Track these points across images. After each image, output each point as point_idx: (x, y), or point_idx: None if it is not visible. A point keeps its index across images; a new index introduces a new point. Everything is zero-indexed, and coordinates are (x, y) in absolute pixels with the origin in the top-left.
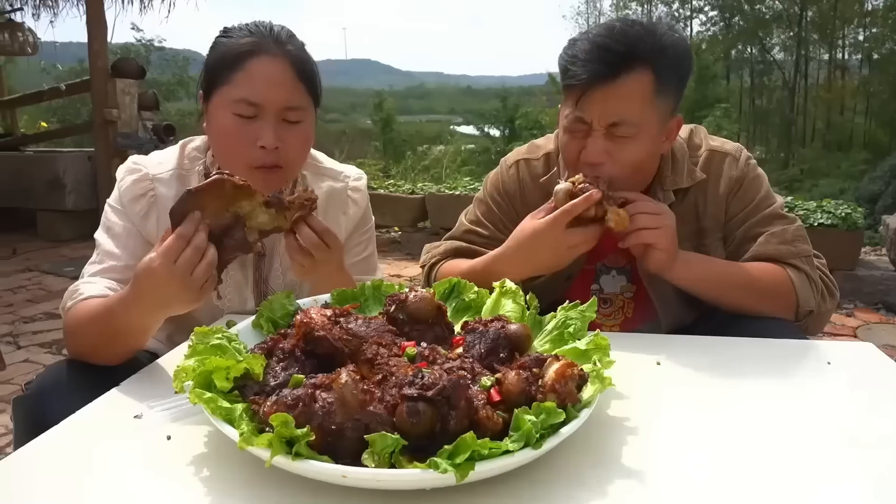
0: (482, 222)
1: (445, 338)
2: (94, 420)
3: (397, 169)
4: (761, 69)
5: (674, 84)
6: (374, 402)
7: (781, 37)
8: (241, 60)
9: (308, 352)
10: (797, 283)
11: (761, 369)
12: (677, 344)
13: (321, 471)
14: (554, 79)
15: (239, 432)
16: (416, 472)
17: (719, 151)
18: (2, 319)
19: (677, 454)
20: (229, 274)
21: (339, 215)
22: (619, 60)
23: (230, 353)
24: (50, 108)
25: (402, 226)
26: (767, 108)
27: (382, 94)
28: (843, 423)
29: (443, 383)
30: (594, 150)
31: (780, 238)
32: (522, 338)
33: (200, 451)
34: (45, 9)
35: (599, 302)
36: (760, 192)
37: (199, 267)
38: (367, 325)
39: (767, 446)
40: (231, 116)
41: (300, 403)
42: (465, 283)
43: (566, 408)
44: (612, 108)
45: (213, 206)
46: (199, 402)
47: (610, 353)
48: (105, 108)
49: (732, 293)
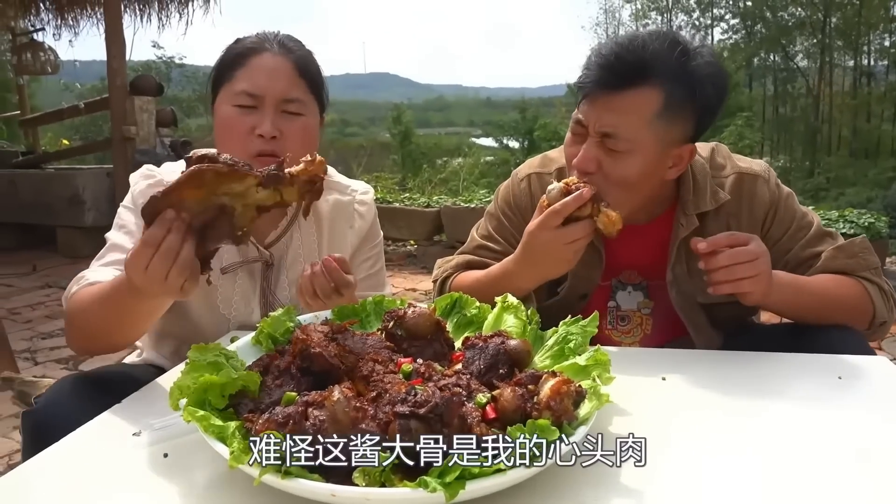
0: (493, 237)
1: (445, 354)
2: (93, 438)
3: (413, 182)
4: (784, 77)
5: (688, 110)
6: (367, 420)
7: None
8: (243, 58)
9: (304, 369)
10: (874, 295)
11: (769, 384)
12: (683, 359)
13: (310, 489)
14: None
15: (230, 450)
16: (406, 492)
17: (749, 174)
18: (20, 335)
19: (679, 472)
20: (236, 283)
21: (345, 229)
22: (627, 72)
23: (226, 371)
24: (73, 126)
25: (417, 239)
26: (791, 116)
27: (401, 108)
28: (854, 439)
29: (435, 401)
30: (584, 157)
31: (847, 252)
32: (522, 353)
33: (196, 469)
34: (66, 28)
35: (617, 319)
36: (797, 211)
37: (172, 272)
38: (363, 342)
39: (774, 464)
40: (232, 108)
41: (290, 421)
42: (466, 299)
43: (562, 425)
44: (608, 119)
45: (193, 199)
46: (192, 420)
47: (610, 369)
48: (123, 126)
49: (817, 311)
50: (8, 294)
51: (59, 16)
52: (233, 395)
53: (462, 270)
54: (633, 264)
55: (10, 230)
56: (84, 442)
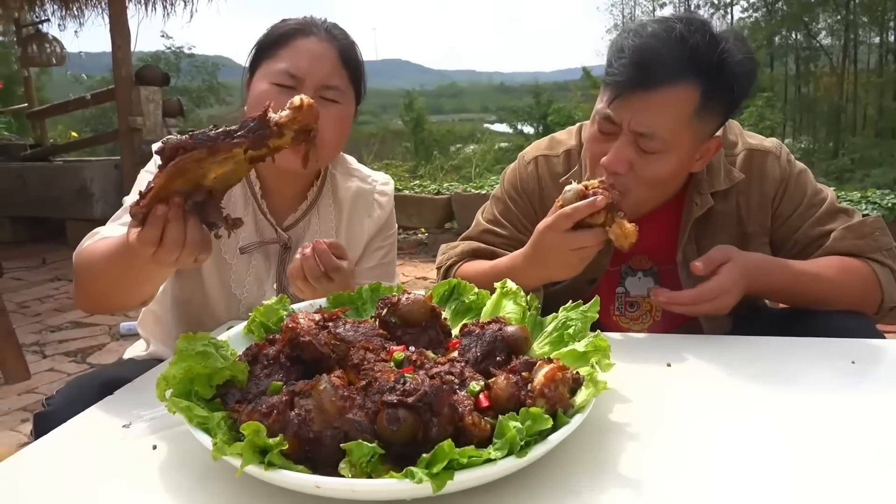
0: (500, 221)
1: (440, 341)
2: (84, 430)
3: (424, 169)
4: (807, 55)
5: (722, 106)
6: (355, 410)
7: (828, 21)
8: (288, 38)
9: (294, 358)
10: (883, 279)
11: (778, 370)
12: (689, 345)
13: (293, 481)
14: (588, 73)
15: (213, 441)
16: (393, 482)
17: (759, 150)
18: (29, 329)
19: (679, 461)
20: (251, 263)
21: (363, 217)
22: (666, 69)
23: (213, 360)
24: (83, 118)
25: (428, 227)
26: (814, 95)
27: (413, 95)
28: (871, 428)
29: (424, 389)
30: (616, 158)
31: (857, 232)
32: (520, 340)
33: (184, 460)
34: (71, 19)
35: (625, 305)
36: (808, 188)
37: (182, 256)
38: (355, 330)
39: (777, 453)
40: (270, 86)
41: (274, 411)
42: (465, 285)
43: (557, 413)
44: (645, 118)
45: (180, 183)
46: (177, 411)
47: (611, 356)
48: (130, 116)
49: (814, 296)
50: (17, 287)
51: (63, 6)
52: (220, 385)
53: (468, 258)
54: (643, 249)
55: (19, 223)
56: (74, 433)
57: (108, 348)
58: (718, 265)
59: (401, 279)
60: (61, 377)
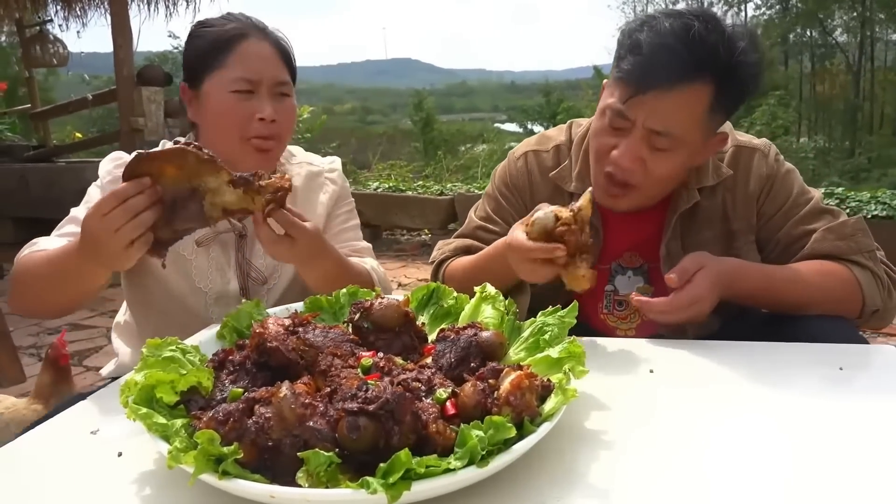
0: (492, 218)
1: (415, 347)
2: (51, 435)
3: (430, 169)
4: (822, 53)
5: (732, 104)
6: (316, 417)
7: (844, 17)
8: (232, 44)
9: (261, 364)
10: (863, 282)
11: (762, 376)
12: (673, 350)
13: (247, 490)
14: (599, 72)
15: (168, 449)
16: (347, 493)
17: (747, 147)
18: (27, 331)
19: (653, 470)
20: (210, 256)
21: (318, 195)
22: (684, 69)
23: (175, 367)
24: (90, 119)
25: (431, 228)
26: (830, 93)
27: (422, 94)
28: (860, 436)
29: (385, 397)
30: (628, 154)
31: (838, 233)
32: (495, 346)
33: (149, 468)
34: (74, 19)
35: (614, 304)
36: (794, 187)
37: (127, 226)
38: (325, 335)
39: (758, 462)
40: (229, 95)
41: (231, 419)
42: (444, 289)
43: (523, 422)
44: (661, 117)
45: (171, 175)
46: (135, 418)
47: (585, 362)
48: (131, 117)
49: (792, 301)
50: None
51: (66, 7)
52: (184, 391)
53: (460, 254)
54: (632, 245)
55: (20, 225)
56: (42, 439)
57: (106, 350)
58: (692, 274)
59: (403, 281)
60: None
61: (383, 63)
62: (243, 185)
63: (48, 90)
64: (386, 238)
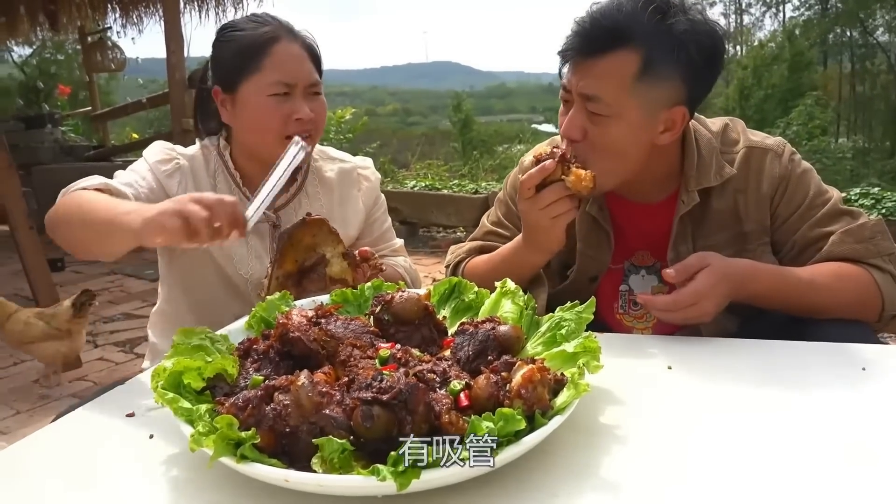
0: (503, 223)
1: (434, 339)
2: (91, 416)
3: (466, 168)
4: (863, 53)
5: (671, 73)
6: (332, 406)
7: (885, 17)
8: (266, 47)
9: (284, 353)
10: (883, 285)
11: (781, 375)
12: (692, 347)
13: (263, 474)
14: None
15: (191, 433)
16: (358, 479)
17: (759, 147)
18: None
19: (666, 466)
20: (249, 244)
21: (353, 191)
22: (603, 37)
23: (202, 354)
24: (147, 120)
25: (466, 226)
26: (870, 94)
27: (461, 96)
28: (874, 436)
29: (399, 387)
30: (570, 123)
31: (857, 236)
32: (512, 339)
33: (178, 451)
34: (131, 26)
35: (629, 304)
36: (811, 188)
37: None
38: (346, 326)
39: (772, 462)
40: (267, 99)
41: (249, 405)
42: (465, 283)
43: (534, 415)
44: (590, 82)
45: (306, 242)
46: (163, 402)
47: (600, 357)
48: (183, 118)
49: (808, 303)
50: (76, 280)
51: (124, 15)
52: (210, 378)
53: (475, 255)
54: (644, 244)
55: None
56: (80, 421)
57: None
58: (695, 272)
59: (437, 277)
60: (110, 366)
61: (424, 66)
62: (351, 259)
63: (108, 94)
64: (422, 235)
